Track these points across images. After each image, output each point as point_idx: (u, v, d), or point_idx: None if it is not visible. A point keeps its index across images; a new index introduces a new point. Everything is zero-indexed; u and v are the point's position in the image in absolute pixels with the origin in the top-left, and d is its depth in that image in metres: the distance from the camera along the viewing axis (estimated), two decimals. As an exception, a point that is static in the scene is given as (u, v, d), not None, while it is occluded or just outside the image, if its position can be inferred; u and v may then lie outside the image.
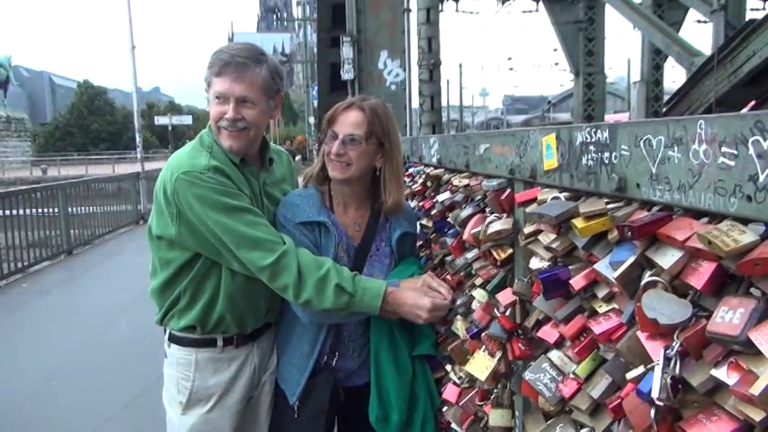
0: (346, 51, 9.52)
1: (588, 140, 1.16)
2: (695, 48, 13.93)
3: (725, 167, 0.81)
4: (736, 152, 0.79)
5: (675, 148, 0.90)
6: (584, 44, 19.14)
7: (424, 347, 1.93)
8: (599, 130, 1.12)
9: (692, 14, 16.74)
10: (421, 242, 2.28)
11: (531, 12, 19.51)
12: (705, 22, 15.55)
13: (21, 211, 8.58)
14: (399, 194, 1.95)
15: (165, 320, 1.94)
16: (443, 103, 14.33)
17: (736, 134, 0.78)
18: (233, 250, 1.75)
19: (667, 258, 0.91)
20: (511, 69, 60.30)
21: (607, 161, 1.09)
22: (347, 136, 1.83)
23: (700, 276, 0.85)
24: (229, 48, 1.84)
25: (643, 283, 0.94)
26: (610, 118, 31.60)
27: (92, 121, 55.66)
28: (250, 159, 1.93)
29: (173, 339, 1.95)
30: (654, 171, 0.96)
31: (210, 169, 1.76)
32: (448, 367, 1.92)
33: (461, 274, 1.85)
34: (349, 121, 1.85)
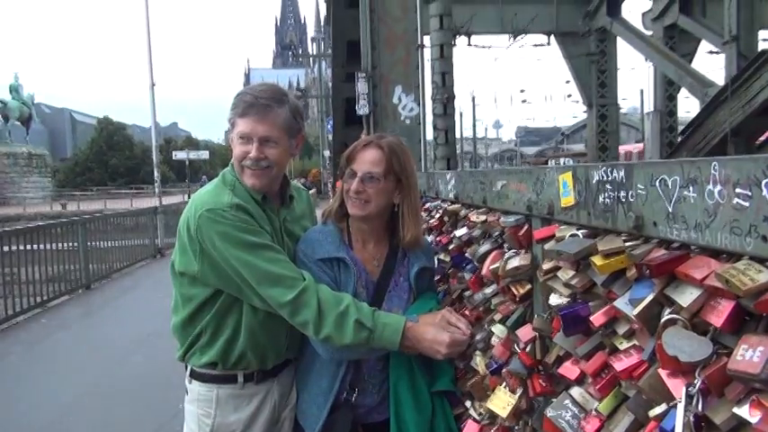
0: (361, 87, 9.68)
1: (605, 179, 1.19)
2: (708, 78, 14.00)
3: (740, 208, 0.83)
4: (750, 193, 0.81)
5: (691, 189, 0.92)
6: (596, 76, 19.30)
7: (443, 383, 1.93)
8: (615, 169, 1.15)
9: (704, 45, 16.85)
10: (439, 276, 2.30)
11: (542, 45, 19.70)
12: (717, 52, 15.65)
13: (41, 246, 8.71)
14: (418, 230, 1.97)
15: (186, 357, 1.96)
16: (457, 135, 14.48)
17: (750, 176, 0.80)
18: (254, 287, 1.78)
19: (686, 296, 0.92)
20: (524, 102, 60.65)
21: (624, 199, 1.12)
22: (366, 174, 1.87)
23: (719, 314, 0.86)
24: (253, 89, 1.91)
25: (663, 320, 0.95)
26: (624, 149, 31.58)
27: (111, 157, 56.73)
28: (271, 197, 1.97)
29: (194, 375, 1.97)
30: (670, 210, 0.98)
31: (233, 207, 1.81)
32: (468, 403, 1.91)
33: (480, 309, 1.87)
34: (367, 160, 1.89)
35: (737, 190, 0.83)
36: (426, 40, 9.75)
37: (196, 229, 1.80)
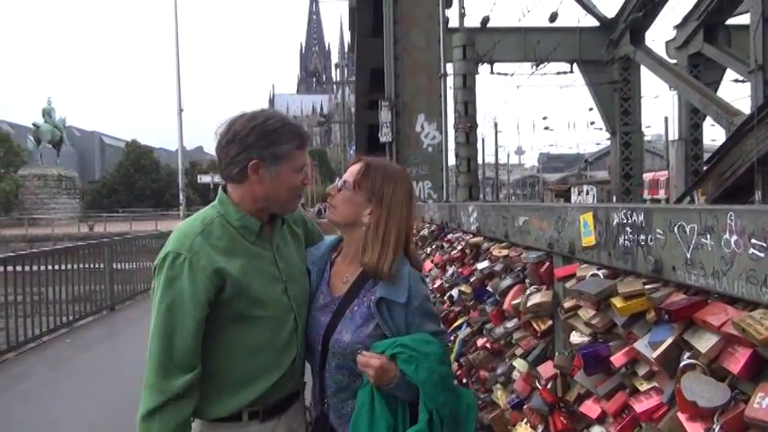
0: (384, 115, 9.79)
1: (625, 221, 1.21)
2: (734, 107, 13.86)
3: (755, 258, 0.85)
4: (765, 244, 0.83)
5: (708, 236, 0.95)
6: (619, 104, 19.22)
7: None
8: (635, 213, 1.18)
9: (730, 74, 16.74)
10: (459, 308, 2.33)
11: (565, 73, 19.73)
12: (743, 81, 15.52)
13: (68, 266, 8.87)
14: (375, 257, 1.81)
15: None
16: (479, 160, 14.51)
17: (765, 228, 0.83)
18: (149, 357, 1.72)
19: (704, 342, 0.94)
20: (546, 128, 60.34)
21: (643, 243, 1.14)
22: (343, 181, 1.92)
23: (736, 361, 0.88)
24: (289, 119, 1.89)
25: (681, 365, 0.97)
26: (649, 175, 31.29)
27: (137, 179, 57.80)
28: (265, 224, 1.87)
29: (194, 414, 1.80)
30: (688, 256, 1.00)
31: (190, 250, 1.73)
32: (488, 438, 1.92)
33: (501, 342, 1.88)
34: (350, 171, 1.94)
35: (753, 241, 0.85)
36: (449, 67, 9.86)
37: (155, 267, 1.77)
